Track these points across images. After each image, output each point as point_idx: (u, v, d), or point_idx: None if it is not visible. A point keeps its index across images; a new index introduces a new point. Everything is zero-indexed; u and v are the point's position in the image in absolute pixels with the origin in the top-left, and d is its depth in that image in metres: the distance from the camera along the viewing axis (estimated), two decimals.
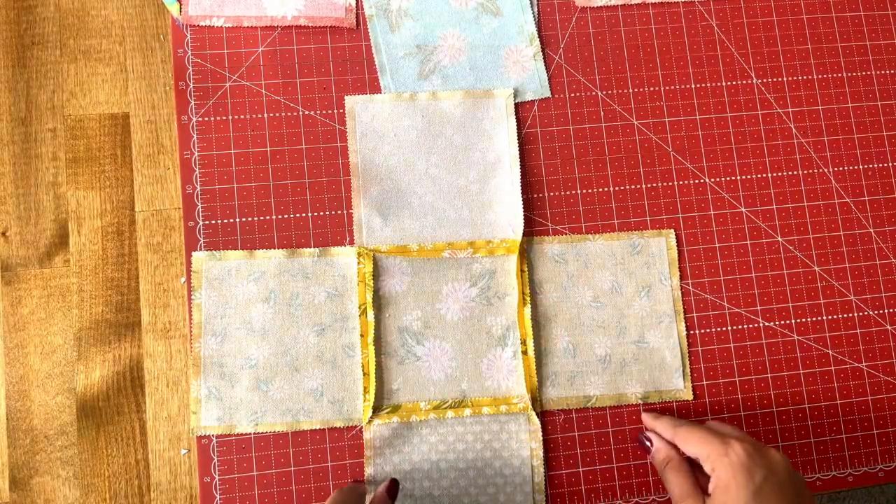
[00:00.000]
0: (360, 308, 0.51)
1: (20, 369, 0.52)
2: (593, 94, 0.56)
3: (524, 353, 0.51)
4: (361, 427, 0.51)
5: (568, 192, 0.55)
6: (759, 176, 0.56)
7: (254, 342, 0.51)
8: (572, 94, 0.56)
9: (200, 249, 0.52)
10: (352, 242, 0.53)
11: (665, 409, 0.52)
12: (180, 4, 0.54)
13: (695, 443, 0.45)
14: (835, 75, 0.58)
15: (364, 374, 0.50)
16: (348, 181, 0.54)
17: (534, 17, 0.56)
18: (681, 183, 0.56)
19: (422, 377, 0.51)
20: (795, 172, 0.56)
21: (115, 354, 0.53)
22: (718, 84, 0.57)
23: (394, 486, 0.48)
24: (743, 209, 0.56)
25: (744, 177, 0.56)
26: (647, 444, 0.49)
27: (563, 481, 0.51)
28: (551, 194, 0.55)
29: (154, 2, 0.56)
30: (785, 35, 0.58)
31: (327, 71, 0.55)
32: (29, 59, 0.55)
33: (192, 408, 0.50)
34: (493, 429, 0.50)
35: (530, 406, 0.51)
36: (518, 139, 0.55)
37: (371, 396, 0.50)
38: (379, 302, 0.51)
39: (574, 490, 0.51)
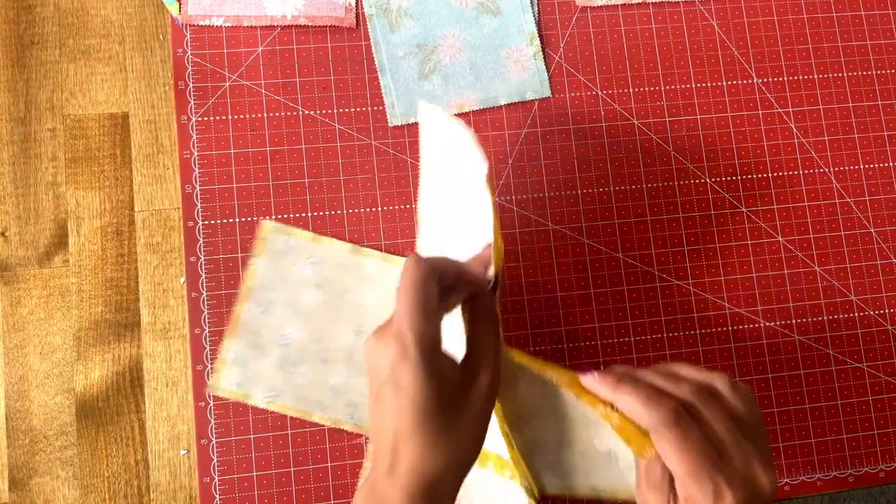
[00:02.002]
0: None
1: (20, 369, 0.52)
2: (593, 93, 0.56)
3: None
4: (367, 438, 0.51)
5: (568, 192, 0.55)
6: (760, 176, 0.56)
7: (293, 322, 0.50)
8: (572, 94, 0.56)
9: (200, 250, 0.52)
10: (351, 239, 0.53)
11: None
12: (180, 4, 0.54)
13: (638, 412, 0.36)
14: (835, 75, 0.58)
15: None
16: (347, 181, 0.54)
17: (534, 16, 0.56)
18: (681, 183, 0.55)
19: None
20: (796, 172, 0.56)
21: (115, 354, 0.53)
22: (719, 84, 0.57)
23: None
24: (743, 209, 0.56)
25: (744, 176, 0.56)
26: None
27: None
28: (551, 194, 0.55)
29: (153, 1, 0.56)
30: (785, 35, 0.58)
31: (327, 71, 0.55)
32: (28, 59, 0.55)
33: (216, 366, 0.50)
34: (495, 486, 0.47)
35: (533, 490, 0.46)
36: (517, 143, 0.55)
37: None
38: None
39: None
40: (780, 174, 0.56)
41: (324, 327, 0.51)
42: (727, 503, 0.35)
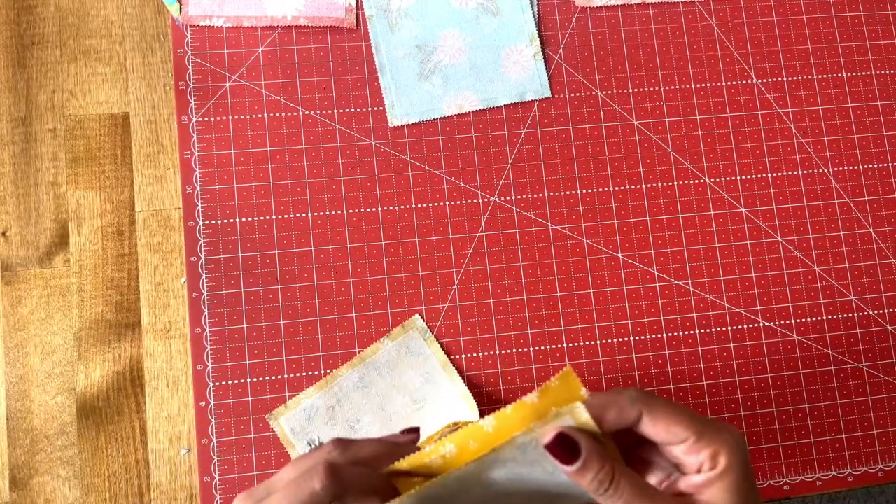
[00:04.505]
0: None
1: (20, 369, 0.52)
2: (593, 94, 0.56)
3: None
4: None
5: (568, 192, 0.55)
6: (759, 176, 0.56)
7: (373, 415, 0.51)
8: (572, 94, 0.56)
9: (201, 250, 0.52)
10: (352, 239, 0.53)
11: None
12: (180, 4, 0.54)
13: (681, 423, 0.31)
14: (835, 75, 0.58)
15: None
16: (348, 181, 0.54)
17: (534, 17, 0.56)
18: (681, 183, 0.56)
19: None
20: (795, 172, 0.56)
21: (115, 354, 0.53)
22: (718, 84, 0.57)
23: None
24: (743, 209, 0.56)
25: (744, 177, 0.56)
26: (568, 451, 0.30)
27: None
28: (551, 194, 0.55)
29: (154, 2, 0.56)
30: (785, 35, 0.58)
31: (327, 71, 0.55)
32: (29, 59, 0.55)
33: (289, 404, 0.51)
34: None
35: None
36: (517, 143, 0.55)
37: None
38: None
39: None
40: (780, 174, 0.56)
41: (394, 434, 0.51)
42: (727, 428, 0.32)
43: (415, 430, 0.35)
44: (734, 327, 0.54)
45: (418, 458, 0.29)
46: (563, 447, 0.30)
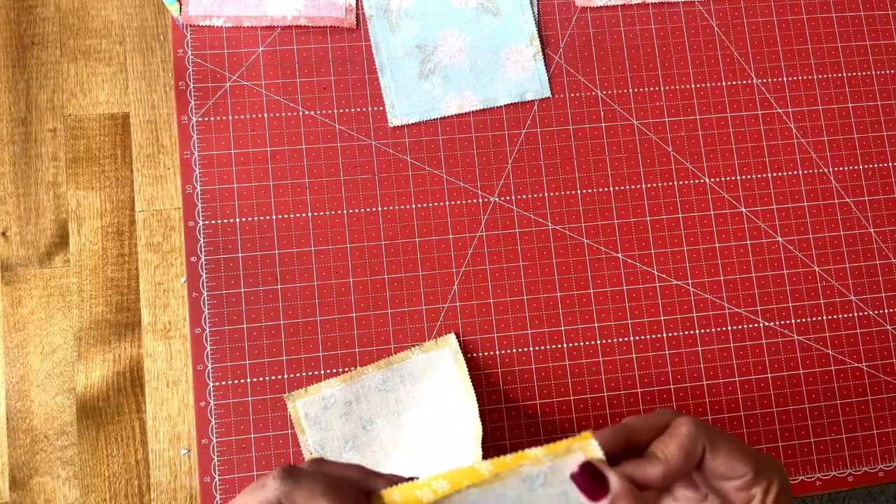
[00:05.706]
0: None
1: (20, 369, 0.52)
2: (593, 94, 0.56)
3: None
4: None
5: (568, 192, 0.55)
6: (759, 176, 0.56)
7: (387, 419, 0.51)
8: (572, 94, 0.56)
9: (201, 250, 0.52)
10: (352, 239, 0.53)
11: None
12: (180, 4, 0.54)
13: (741, 458, 0.31)
14: (835, 75, 0.58)
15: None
16: (348, 181, 0.54)
17: (534, 17, 0.56)
18: (681, 183, 0.56)
19: None
20: (795, 172, 0.56)
21: (115, 354, 0.53)
22: (718, 84, 0.57)
23: None
24: (743, 209, 0.56)
25: (744, 177, 0.56)
26: (595, 484, 0.28)
27: None
28: (551, 194, 0.55)
29: (154, 2, 0.56)
30: (785, 35, 0.58)
31: (327, 71, 0.55)
32: (29, 59, 0.55)
33: (310, 388, 0.51)
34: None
35: None
36: (517, 143, 0.55)
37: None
38: None
39: None
40: (780, 174, 0.56)
41: (403, 443, 0.51)
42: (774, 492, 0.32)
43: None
44: (734, 327, 0.54)
45: (409, 489, 0.29)
46: (592, 478, 0.28)
